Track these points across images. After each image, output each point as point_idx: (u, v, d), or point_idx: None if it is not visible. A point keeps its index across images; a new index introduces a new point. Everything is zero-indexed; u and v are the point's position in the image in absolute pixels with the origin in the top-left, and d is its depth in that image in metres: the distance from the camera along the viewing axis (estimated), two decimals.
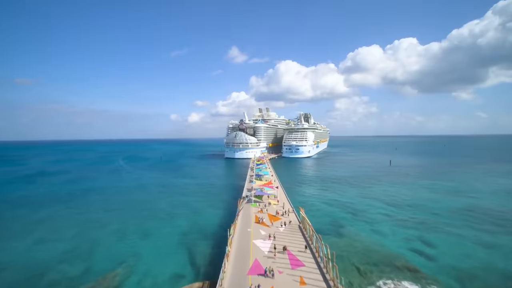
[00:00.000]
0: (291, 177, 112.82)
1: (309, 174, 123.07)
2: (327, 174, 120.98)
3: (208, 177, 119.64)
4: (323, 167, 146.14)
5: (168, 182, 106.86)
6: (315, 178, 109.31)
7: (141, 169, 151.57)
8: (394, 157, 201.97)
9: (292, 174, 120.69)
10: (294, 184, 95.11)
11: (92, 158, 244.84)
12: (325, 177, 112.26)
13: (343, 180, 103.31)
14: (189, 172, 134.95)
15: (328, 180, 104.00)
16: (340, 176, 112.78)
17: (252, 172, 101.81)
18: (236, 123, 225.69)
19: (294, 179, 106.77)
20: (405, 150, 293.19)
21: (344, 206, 66.40)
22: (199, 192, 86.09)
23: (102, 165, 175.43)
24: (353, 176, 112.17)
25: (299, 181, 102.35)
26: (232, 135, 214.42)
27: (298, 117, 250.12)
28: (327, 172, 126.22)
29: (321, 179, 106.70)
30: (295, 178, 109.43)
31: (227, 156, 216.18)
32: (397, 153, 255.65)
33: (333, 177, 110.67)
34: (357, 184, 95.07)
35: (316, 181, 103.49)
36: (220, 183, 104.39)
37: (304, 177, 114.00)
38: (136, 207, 68.29)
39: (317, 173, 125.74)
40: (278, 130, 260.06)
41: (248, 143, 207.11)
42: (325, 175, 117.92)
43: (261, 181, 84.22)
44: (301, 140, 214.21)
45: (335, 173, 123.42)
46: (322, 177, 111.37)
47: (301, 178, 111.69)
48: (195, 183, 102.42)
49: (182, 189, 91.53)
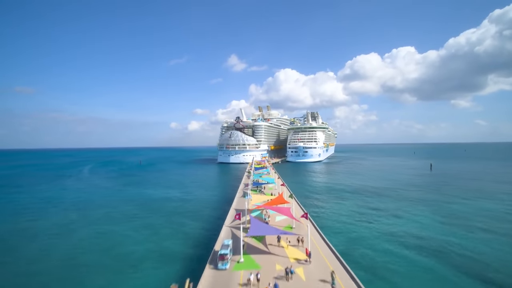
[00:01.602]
0: (302, 188, 75.29)
1: (327, 184, 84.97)
2: (355, 184, 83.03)
3: (187, 187, 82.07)
4: (343, 175, 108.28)
5: (122, 195, 69.32)
6: (339, 191, 71.16)
7: (102, 177, 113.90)
8: (427, 161, 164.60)
9: (302, 185, 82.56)
10: (309, 200, 57.85)
11: (59, 163, 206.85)
12: (354, 188, 74.37)
13: (384, 193, 65.71)
14: (163, 181, 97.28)
15: (361, 193, 66.28)
16: (376, 188, 75.14)
17: (249, 179, 64.86)
18: (231, 121, 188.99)
19: (307, 192, 69.14)
20: (427, 155, 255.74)
21: (428, 249, 29.05)
22: (154, 216, 48.49)
23: (55, 171, 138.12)
24: (393, 188, 74.59)
25: (316, 196, 64.71)
26: (226, 135, 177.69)
27: (305, 116, 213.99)
28: (353, 181, 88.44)
29: (350, 192, 68.81)
30: (308, 190, 71.77)
31: (220, 160, 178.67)
32: (422, 157, 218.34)
33: (366, 189, 72.92)
34: (412, 199, 57.65)
35: (343, 195, 65.40)
36: (201, 196, 66.80)
37: (321, 188, 75.97)
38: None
39: (339, 182, 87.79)
40: (281, 131, 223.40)
41: (246, 144, 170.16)
42: (352, 185, 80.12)
43: (263, 195, 47.80)
44: (310, 141, 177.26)
45: (366, 183, 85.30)
46: (349, 189, 73.48)
47: (317, 190, 73.81)
48: (161, 198, 64.84)
49: (131, 208, 53.93)
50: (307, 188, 75.04)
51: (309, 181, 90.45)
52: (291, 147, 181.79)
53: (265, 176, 71.45)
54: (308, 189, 72.16)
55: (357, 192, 67.34)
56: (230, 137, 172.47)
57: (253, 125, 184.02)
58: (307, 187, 77.12)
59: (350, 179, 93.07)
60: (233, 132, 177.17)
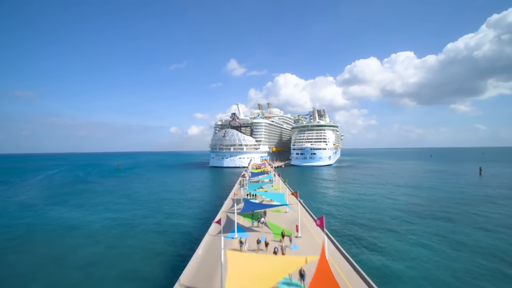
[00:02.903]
0: (319, 204, 48.53)
1: (354, 198, 56.96)
2: (394, 198, 56.06)
3: (152, 201, 55.02)
4: (368, 183, 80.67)
5: (20, 220, 42.27)
6: (378, 212, 44.07)
7: (47, 186, 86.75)
8: (458, 164, 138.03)
9: (317, 198, 55.73)
10: (339, 229, 30.97)
11: (25, 168, 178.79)
12: (400, 206, 47.62)
13: (454, 216, 38.88)
14: (124, 192, 70.29)
15: (419, 216, 39.45)
16: (432, 205, 48.28)
17: (240, 190, 38.29)
18: (226, 119, 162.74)
19: (330, 213, 42.26)
20: (446, 158, 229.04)
21: None
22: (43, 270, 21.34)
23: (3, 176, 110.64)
24: (456, 203, 47.79)
25: (348, 222, 37.77)
26: (219, 134, 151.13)
27: (311, 113, 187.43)
28: (388, 193, 61.59)
29: (398, 213, 41.96)
30: (330, 213, 44.78)
31: (213, 164, 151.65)
32: (445, 160, 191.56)
33: (421, 209, 46.02)
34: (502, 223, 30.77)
35: (388, 221, 38.42)
36: (164, 222, 39.61)
37: (349, 208, 48.37)
38: None
39: (368, 194, 60.47)
40: (283, 131, 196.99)
41: (243, 145, 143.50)
42: (393, 201, 53.30)
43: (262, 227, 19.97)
44: (319, 141, 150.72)
45: (409, 197, 58.12)
46: (393, 208, 46.65)
47: (346, 211, 46.69)
48: (88, 225, 37.77)
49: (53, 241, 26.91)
50: (327, 204, 48.11)
51: (325, 192, 63.33)
52: (296, 149, 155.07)
53: (267, 186, 44.66)
54: (329, 209, 45.16)
55: (408, 213, 40.33)
56: (224, 137, 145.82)
57: (252, 122, 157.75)
58: (326, 202, 50.15)
59: (382, 189, 65.90)
60: (228, 130, 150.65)
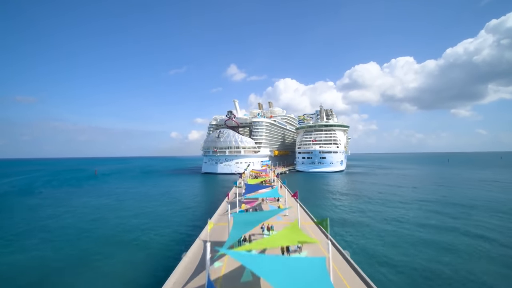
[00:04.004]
0: (352, 237, 27.20)
1: (400, 224, 36.36)
2: (461, 225, 34.75)
3: (93, 240, 33.80)
4: (407, 202, 59.59)
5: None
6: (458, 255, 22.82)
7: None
8: (487, 171, 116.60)
9: (346, 227, 34.55)
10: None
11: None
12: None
13: None
14: (73, 212, 48.94)
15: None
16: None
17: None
18: (222, 118, 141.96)
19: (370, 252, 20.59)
20: (463, 163, 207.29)
21: None
22: None
23: None
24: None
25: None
26: (213, 135, 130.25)
27: (317, 112, 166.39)
28: (447, 216, 40.18)
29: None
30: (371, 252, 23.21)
31: (205, 170, 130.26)
32: (468, 165, 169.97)
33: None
34: None
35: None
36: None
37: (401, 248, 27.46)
38: None
39: (417, 218, 39.50)
40: (286, 133, 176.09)
41: (240, 147, 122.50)
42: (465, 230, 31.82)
43: None
44: (329, 143, 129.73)
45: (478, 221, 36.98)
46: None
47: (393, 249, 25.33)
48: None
49: None
50: (371, 241, 26.98)
51: (356, 218, 41.96)
52: (302, 152, 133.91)
53: (270, 206, 23.94)
54: (378, 252, 23.97)
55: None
56: (219, 138, 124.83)
57: (251, 122, 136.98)
58: (365, 236, 28.96)
59: (438, 211, 44.49)
60: (222, 130, 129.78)
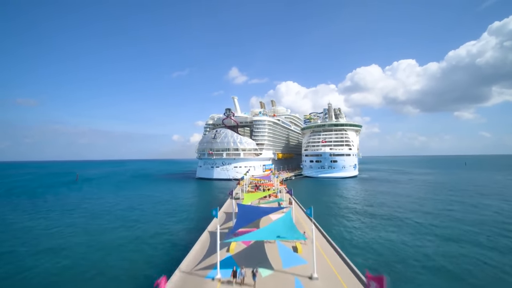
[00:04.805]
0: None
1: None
2: None
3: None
4: (463, 222, 44.00)
5: None
6: None
7: None
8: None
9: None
10: None
11: None
12: None
13: None
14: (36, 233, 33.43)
15: None
16: None
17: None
18: (220, 116, 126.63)
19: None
20: (487, 166, 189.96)
21: None
22: None
23: None
24: None
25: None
26: (209, 135, 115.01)
27: (325, 111, 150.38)
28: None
29: None
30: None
31: (200, 175, 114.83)
32: (500, 168, 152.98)
33: None
34: None
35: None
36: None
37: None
38: None
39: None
40: (291, 134, 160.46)
41: (240, 149, 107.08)
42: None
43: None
44: (340, 145, 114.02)
45: None
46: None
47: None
48: None
49: None
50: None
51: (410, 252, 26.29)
52: (310, 155, 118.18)
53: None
54: None
55: None
56: (215, 138, 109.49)
57: (252, 120, 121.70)
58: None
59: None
60: (219, 130, 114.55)
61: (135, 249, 27.93)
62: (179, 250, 25.94)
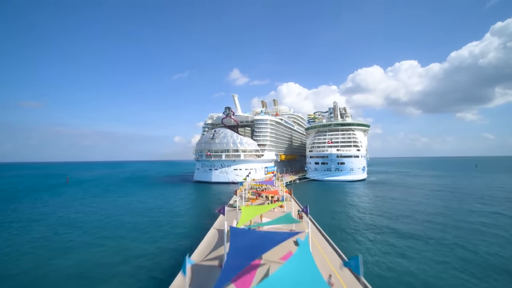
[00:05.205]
0: None
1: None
2: None
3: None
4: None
5: None
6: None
7: None
8: None
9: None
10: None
11: None
12: None
13: None
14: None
15: None
16: None
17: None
18: (219, 115, 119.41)
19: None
20: (499, 168, 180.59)
21: None
22: None
23: None
24: None
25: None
26: (207, 135, 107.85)
27: (330, 110, 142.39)
28: None
29: None
30: None
31: (197, 178, 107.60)
32: (502, 171, 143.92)
33: None
34: None
35: None
36: None
37: None
38: None
39: None
40: (294, 134, 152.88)
41: (240, 150, 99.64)
42: None
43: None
44: (348, 146, 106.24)
45: None
46: None
47: None
48: None
49: None
50: None
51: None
52: (315, 156, 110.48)
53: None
54: None
55: None
56: (213, 138, 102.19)
57: (253, 120, 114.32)
58: None
59: None
60: (218, 129, 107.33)
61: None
62: None
